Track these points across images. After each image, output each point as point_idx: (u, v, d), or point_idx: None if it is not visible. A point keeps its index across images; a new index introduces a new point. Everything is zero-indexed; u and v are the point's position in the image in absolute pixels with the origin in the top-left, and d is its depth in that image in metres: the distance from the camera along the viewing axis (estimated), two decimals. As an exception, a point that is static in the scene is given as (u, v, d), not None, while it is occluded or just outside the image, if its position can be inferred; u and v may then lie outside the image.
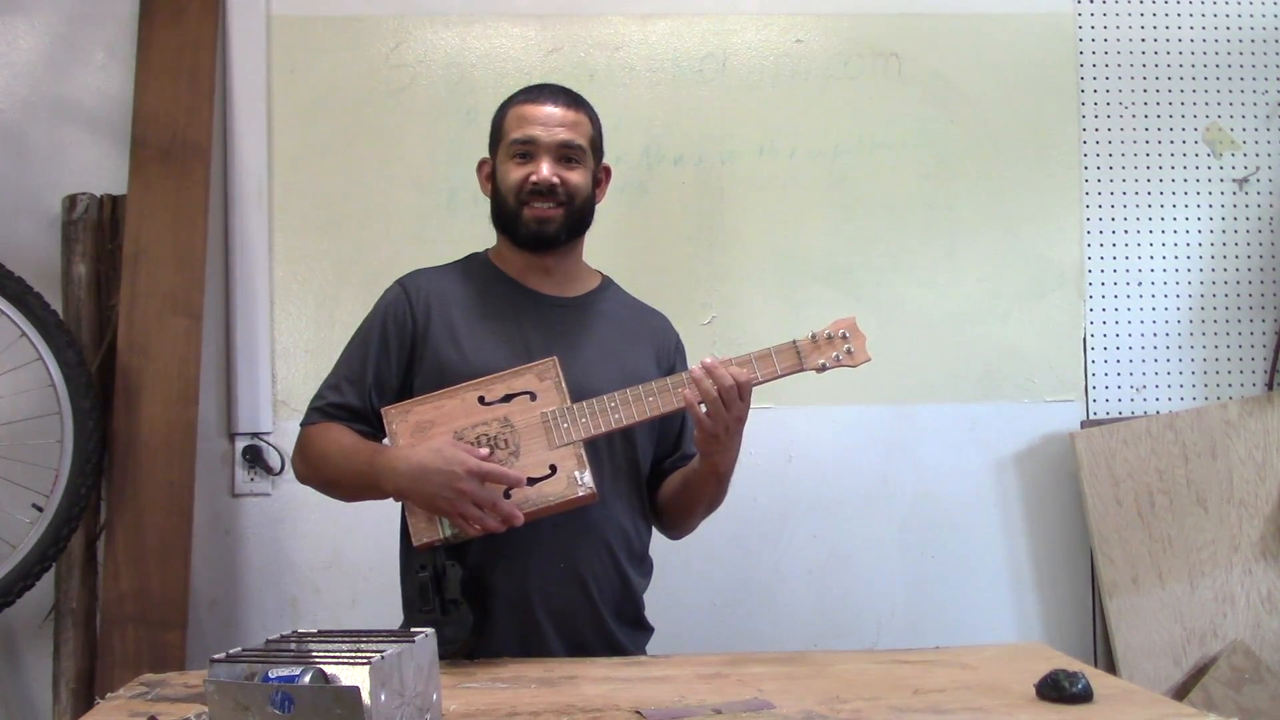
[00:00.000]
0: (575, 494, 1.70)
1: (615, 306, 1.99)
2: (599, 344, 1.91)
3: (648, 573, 1.97)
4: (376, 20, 2.67)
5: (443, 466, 1.69)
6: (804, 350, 1.78)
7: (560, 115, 1.88)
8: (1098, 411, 2.76)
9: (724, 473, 1.87)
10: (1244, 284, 2.81)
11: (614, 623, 1.87)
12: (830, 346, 1.78)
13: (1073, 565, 2.73)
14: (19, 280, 2.32)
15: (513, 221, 1.89)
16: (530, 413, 1.75)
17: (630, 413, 1.75)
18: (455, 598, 1.68)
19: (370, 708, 1.14)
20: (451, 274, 1.97)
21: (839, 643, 2.62)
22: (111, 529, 2.40)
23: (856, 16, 2.75)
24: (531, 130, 1.86)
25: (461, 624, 1.68)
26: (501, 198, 1.90)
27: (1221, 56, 2.82)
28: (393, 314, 1.91)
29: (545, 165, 1.85)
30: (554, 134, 1.86)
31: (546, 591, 1.81)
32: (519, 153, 1.87)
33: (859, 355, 1.79)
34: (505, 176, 1.89)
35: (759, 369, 1.76)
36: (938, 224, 2.75)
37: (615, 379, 1.83)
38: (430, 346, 1.88)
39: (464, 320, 1.89)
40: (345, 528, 2.54)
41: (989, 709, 1.42)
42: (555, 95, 1.91)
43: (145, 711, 1.44)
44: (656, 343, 1.98)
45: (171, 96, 2.55)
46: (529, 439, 1.73)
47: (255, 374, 2.60)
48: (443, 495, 1.69)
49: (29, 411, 2.40)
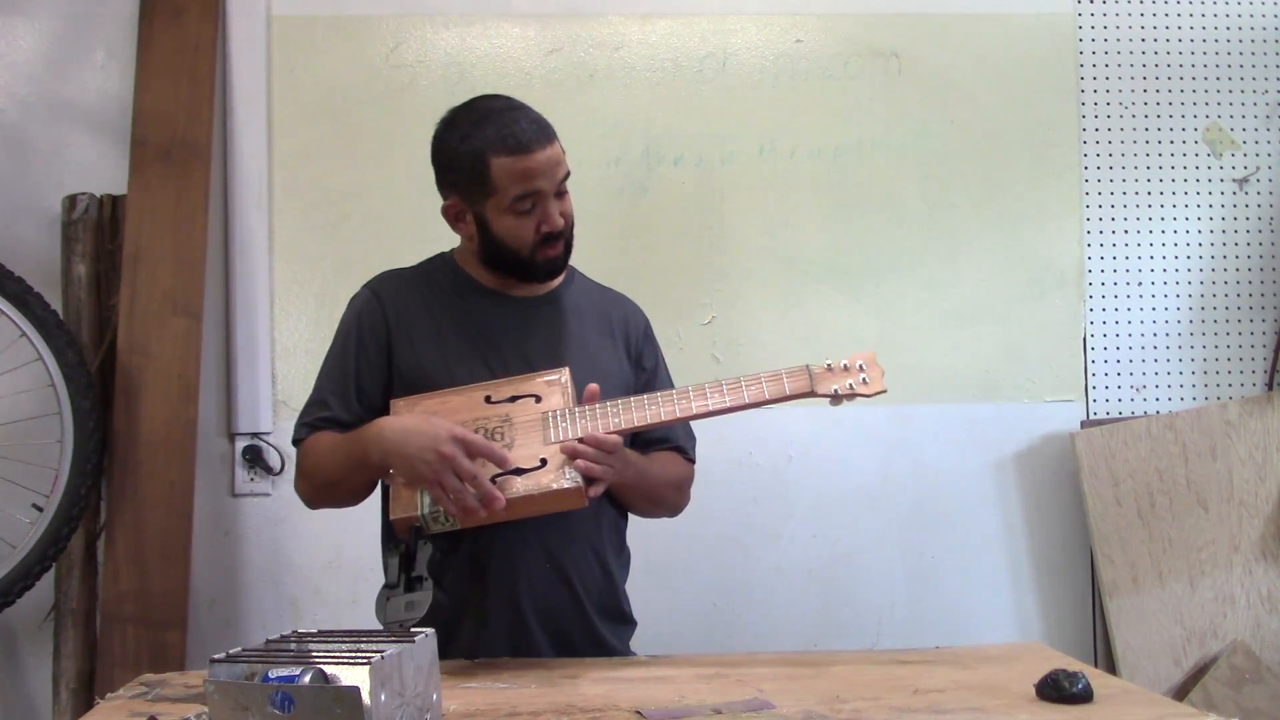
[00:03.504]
0: (562, 485, 1.67)
1: (582, 298, 1.97)
2: (569, 341, 1.90)
3: (626, 563, 1.98)
4: (376, 20, 2.67)
5: (427, 429, 1.66)
6: (816, 376, 1.75)
7: (550, 155, 1.80)
8: (1098, 411, 2.76)
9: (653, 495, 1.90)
10: (1244, 284, 2.81)
11: (599, 618, 1.87)
12: (845, 375, 1.76)
13: (1073, 565, 2.73)
14: (19, 280, 2.32)
15: (522, 268, 1.86)
16: (532, 412, 1.75)
17: (631, 419, 1.74)
18: (421, 574, 1.63)
19: (370, 708, 1.14)
20: (419, 276, 1.95)
21: (839, 643, 2.63)
22: (111, 529, 2.40)
23: (856, 16, 2.75)
24: (536, 184, 1.79)
25: (421, 601, 1.62)
26: (505, 247, 1.84)
27: (1221, 56, 2.82)
28: (367, 319, 1.90)
29: (554, 210, 1.81)
30: (555, 177, 1.81)
31: (534, 591, 1.80)
32: (524, 207, 1.80)
33: (874, 385, 1.76)
34: (510, 231, 1.82)
35: (768, 389, 1.75)
36: (938, 224, 2.75)
37: (588, 375, 1.82)
38: (403, 349, 1.87)
39: (434, 323, 1.88)
40: (345, 528, 2.54)
41: (989, 709, 1.42)
42: (537, 136, 1.79)
43: (145, 711, 1.44)
44: (624, 331, 1.97)
45: (171, 96, 2.55)
46: (524, 433, 1.73)
47: (255, 374, 2.60)
48: (423, 458, 1.65)
49: (29, 411, 2.40)
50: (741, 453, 2.65)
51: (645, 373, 1.97)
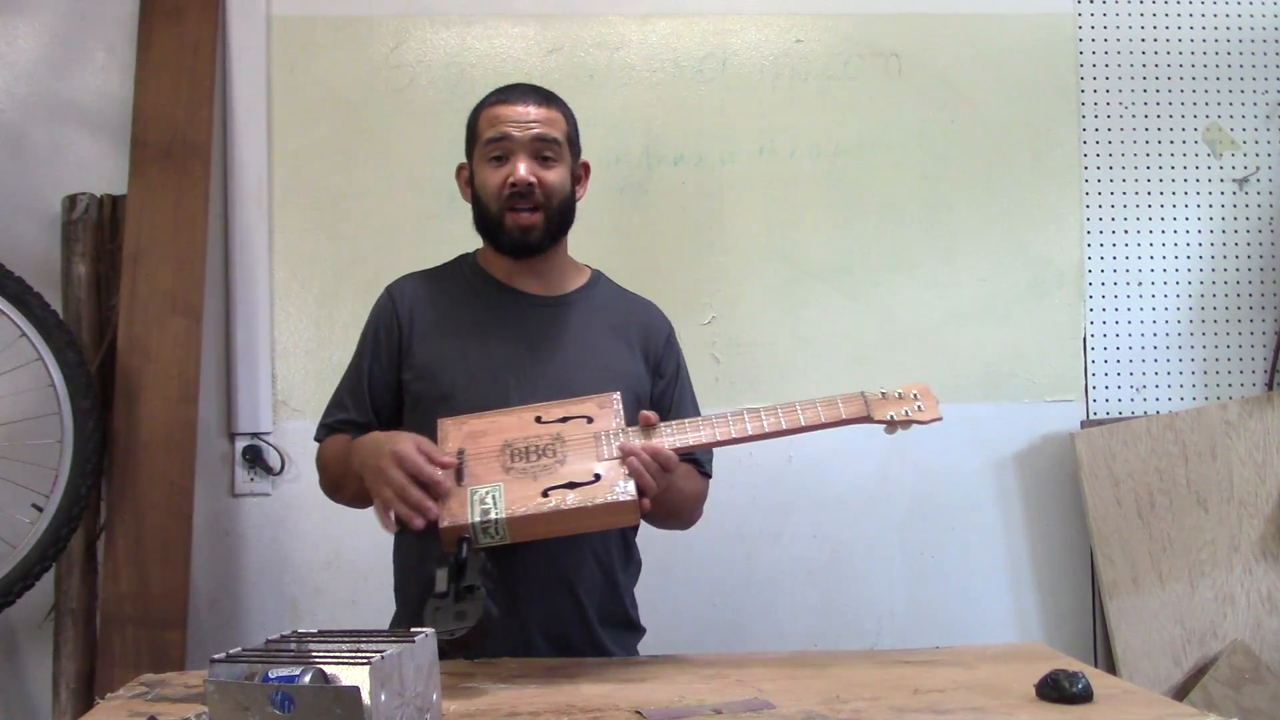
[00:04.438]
0: (616, 498, 1.65)
1: (603, 302, 1.97)
2: (582, 343, 1.90)
3: (635, 570, 1.97)
4: (376, 20, 2.67)
5: (382, 443, 1.69)
6: (872, 402, 1.75)
7: (533, 113, 1.86)
8: (1098, 411, 2.76)
9: (676, 509, 1.89)
10: (1244, 284, 2.81)
11: (601, 625, 1.86)
12: (900, 402, 1.76)
13: (1073, 565, 2.73)
14: (19, 280, 2.32)
15: (496, 229, 1.87)
16: (583, 431, 1.73)
17: (686, 439, 1.72)
18: (473, 584, 1.60)
19: (370, 708, 1.14)
20: (438, 278, 1.98)
21: (839, 643, 2.63)
22: (111, 529, 2.40)
23: (856, 16, 2.75)
24: (505, 128, 1.84)
25: (472, 612, 1.58)
26: (483, 204, 1.88)
27: (1221, 56, 2.82)
28: (382, 322, 1.93)
29: (522, 165, 1.83)
30: (528, 130, 1.84)
31: (533, 595, 1.80)
32: (494, 154, 1.85)
33: (929, 411, 1.76)
34: (484, 181, 1.87)
35: (824, 413, 1.74)
36: (938, 224, 2.75)
37: (597, 379, 1.82)
38: (414, 351, 1.89)
39: (447, 320, 1.90)
40: (345, 528, 2.54)
41: (989, 709, 1.42)
42: (526, 93, 1.89)
43: (145, 711, 1.44)
44: (643, 337, 1.96)
45: (171, 96, 2.55)
46: (577, 450, 1.71)
47: (255, 374, 2.60)
48: (367, 467, 1.69)
49: (29, 411, 2.40)
50: (742, 452, 2.65)
51: (663, 380, 1.95)
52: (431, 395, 1.86)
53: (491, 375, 1.84)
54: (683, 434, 1.72)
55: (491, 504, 1.63)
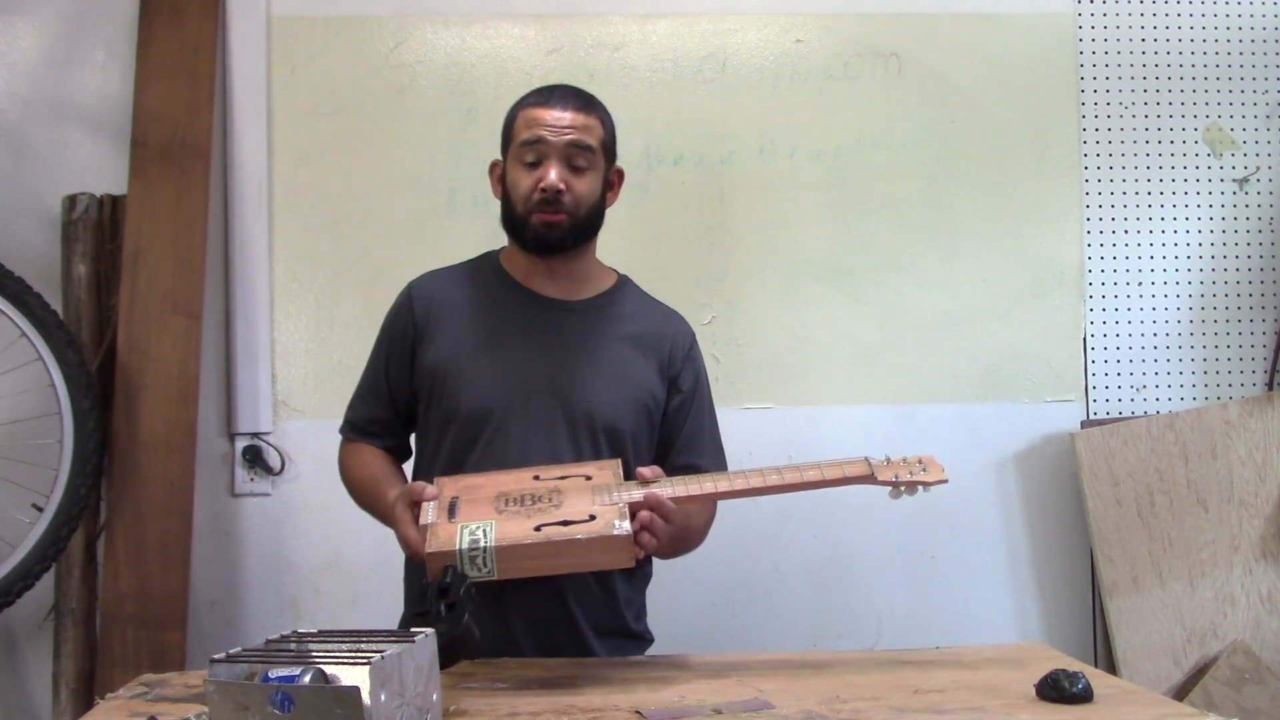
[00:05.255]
0: (610, 533, 1.61)
1: (623, 310, 1.94)
2: (594, 350, 1.88)
3: (642, 581, 1.95)
4: (376, 20, 2.67)
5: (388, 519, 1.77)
6: (876, 466, 1.75)
7: (570, 118, 1.84)
8: (1098, 411, 2.76)
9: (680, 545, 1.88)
10: (1244, 284, 2.81)
11: (595, 636, 1.84)
12: (903, 466, 1.76)
13: (1073, 565, 2.73)
14: (19, 280, 2.32)
15: (521, 227, 1.86)
16: (582, 485, 1.71)
17: (687, 490, 1.71)
18: (455, 602, 1.61)
19: (370, 708, 1.14)
20: (459, 276, 1.97)
21: (839, 643, 2.63)
22: (111, 529, 2.40)
23: (856, 16, 2.75)
24: (540, 131, 1.82)
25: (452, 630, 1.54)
26: (511, 203, 1.87)
27: (1221, 56, 2.82)
28: (398, 319, 1.94)
29: (553, 171, 1.81)
30: (562, 136, 1.82)
31: (522, 601, 1.78)
32: (528, 157, 1.83)
33: (934, 474, 1.76)
34: (515, 182, 1.86)
35: (826, 473, 1.74)
36: (938, 224, 2.75)
37: (614, 392, 1.82)
38: (426, 350, 1.88)
39: (463, 325, 1.89)
40: (345, 528, 2.54)
41: (989, 709, 1.42)
42: (566, 97, 1.87)
43: (145, 711, 1.44)
44: (662, 350, 1.93)
45: (171, 96, 2.55)
46: (573, 496, 1.69)
47: (255, 374, 2.60)
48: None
49: (29, 411, 2.40)
50: (741, 453, 2.64)
51: (681, 394, 1.93)
52: (439, 396, 1.86)
53: (500, 378, 1.84)
54: (682, 486, 1.70)
55: (482, 535, 1.60)
